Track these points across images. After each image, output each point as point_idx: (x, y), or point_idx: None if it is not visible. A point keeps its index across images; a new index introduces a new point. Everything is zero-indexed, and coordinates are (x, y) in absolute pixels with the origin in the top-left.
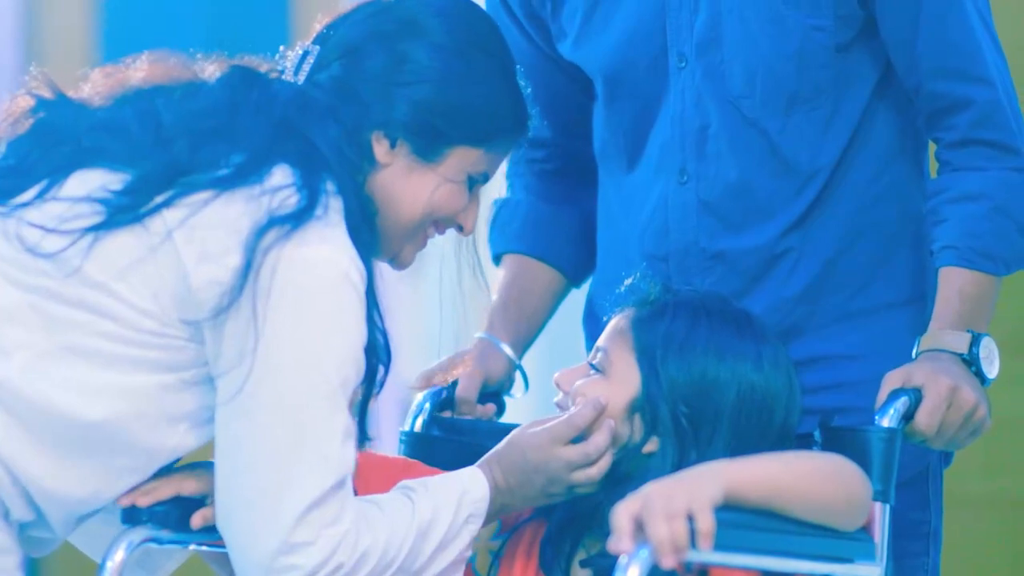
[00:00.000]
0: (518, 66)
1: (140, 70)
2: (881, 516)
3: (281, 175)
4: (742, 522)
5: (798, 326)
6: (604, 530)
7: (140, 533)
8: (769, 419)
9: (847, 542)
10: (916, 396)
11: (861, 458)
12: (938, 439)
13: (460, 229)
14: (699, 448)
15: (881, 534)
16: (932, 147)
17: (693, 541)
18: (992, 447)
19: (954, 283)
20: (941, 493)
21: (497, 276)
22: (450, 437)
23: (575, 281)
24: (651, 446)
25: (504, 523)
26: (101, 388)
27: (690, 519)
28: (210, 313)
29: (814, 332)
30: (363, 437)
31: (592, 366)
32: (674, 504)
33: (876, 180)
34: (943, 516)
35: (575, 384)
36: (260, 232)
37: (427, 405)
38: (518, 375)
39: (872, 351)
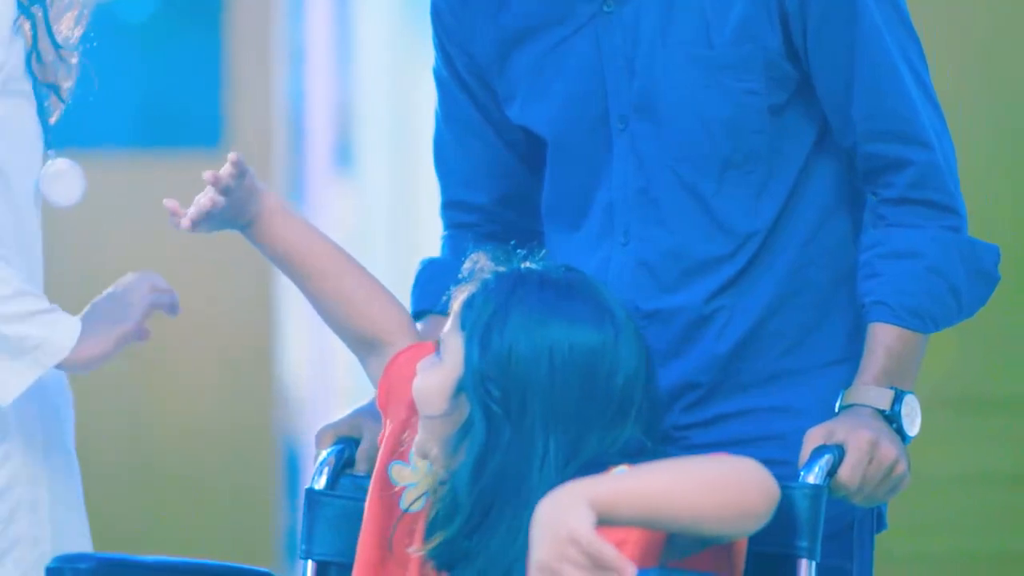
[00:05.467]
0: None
1: None
2: (807, 573)
3: None
4: None
5: (730, 383)
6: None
7: None
8: (593, 380)
9: None
10: (839, 452)
11: (786, 515)
12: (859, 494)
13: None
14: (512, 423)
15: None
16: None
17: None
18: (921, 506)
19: (882, 339)
20: (870, 548)
21: None
22: (356, 496)
23: None
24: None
25: None
26: None
27: None
28: None
29: (746, 390)
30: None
31: (437, 352)
32: (571, 557)
33: (813, 239)
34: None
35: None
36: None
37: (331, 462)
38: None
39: (805, 406)
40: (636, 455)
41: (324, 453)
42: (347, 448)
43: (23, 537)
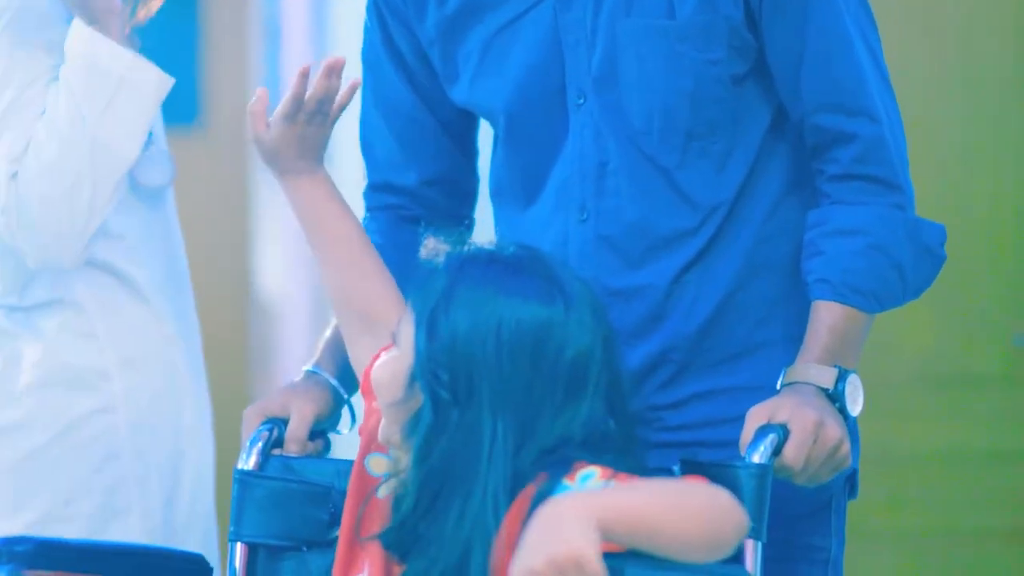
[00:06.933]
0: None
1: None
2: (753, 553)
3: None
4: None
5: (699, 360)
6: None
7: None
8: (542, 356)
9: None
10: (783, 432)
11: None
12: (802, 475)
13: None
14: (460, 406)
15: (754, 572)
16: None
17: None
18: (897, 481)
19: (825, 317)
20: (843, 522)
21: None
22: (285, 477)
23: None
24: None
25: None
26: None
27: None
28: None
29: (715, 366)
30: None
31: (393, 340)
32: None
33: (774, 214)
34: (848, 549)
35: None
36: None
37: (261, 441)
38: (345, 410)
39: (774, 383)
40: (600, 442)
41: (253, 433)
42: (276, 428)
43: (132, 507)
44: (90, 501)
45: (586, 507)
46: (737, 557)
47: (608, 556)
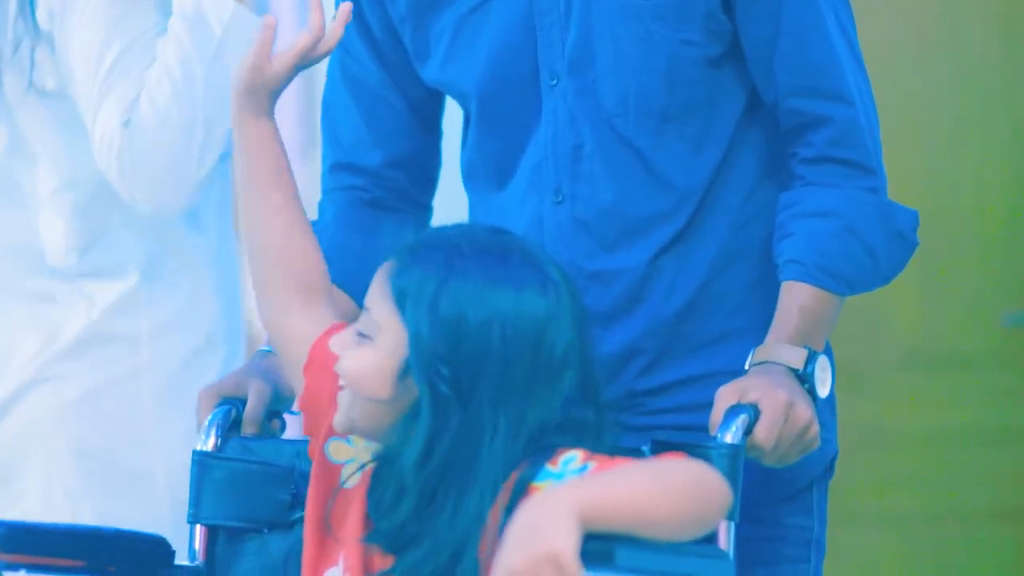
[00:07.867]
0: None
1: None
2: (727, 533)
3: None
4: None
5: (677, 345)
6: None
7: None
8: (540, 348)
9: (708, 560)
10: (754, 412)
11: None
12: (772, 455)
13: None
14: (462, 405)
15: (727, 551)
16: None
17: None
18: (886, 462)
19: (796, 298)
20: (826, 502)
21: None
22: (244, 458)
23: None
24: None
25: None
26: None
27: None
28: None
29: (694, 352)
30: None
31: (360, 332)
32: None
33: (750, 199)
34: (834, 530)
35: (341, 362)
36: None
37: (218, 422)
38: None
39: None
40: (580, 429)
41: (210, 414)
42: (233, 408)
43: (156, 471)
44: (118, 460)
45: (567, 501)
46: (711, 537)
47: (597, 538)
